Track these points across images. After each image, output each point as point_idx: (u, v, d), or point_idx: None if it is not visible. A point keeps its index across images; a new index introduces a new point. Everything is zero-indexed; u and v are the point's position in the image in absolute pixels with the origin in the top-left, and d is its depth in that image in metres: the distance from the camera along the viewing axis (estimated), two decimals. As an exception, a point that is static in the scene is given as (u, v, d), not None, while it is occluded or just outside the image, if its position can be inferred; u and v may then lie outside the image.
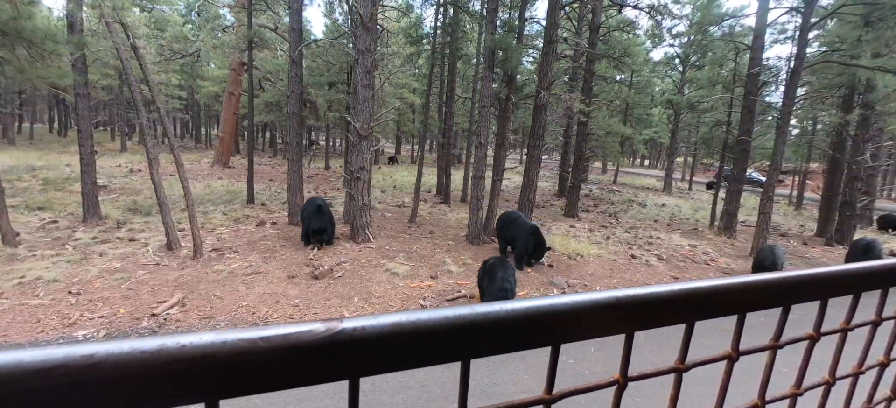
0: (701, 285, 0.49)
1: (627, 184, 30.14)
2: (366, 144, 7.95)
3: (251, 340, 0.30)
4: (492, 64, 8.15)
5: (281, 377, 0.32)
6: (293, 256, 7.28)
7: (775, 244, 8.70)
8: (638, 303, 0.45)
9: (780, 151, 9.35)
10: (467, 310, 0.37)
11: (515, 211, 8.40)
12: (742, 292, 0.51)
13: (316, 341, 0.32)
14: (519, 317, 0.39)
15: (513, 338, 0.39)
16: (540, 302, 0.40)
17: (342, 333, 0.33)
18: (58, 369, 0.25)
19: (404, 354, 0.35)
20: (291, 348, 0.31)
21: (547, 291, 6.81)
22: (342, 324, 0.33)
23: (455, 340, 0.36)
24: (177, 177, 15.79)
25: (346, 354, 0.33)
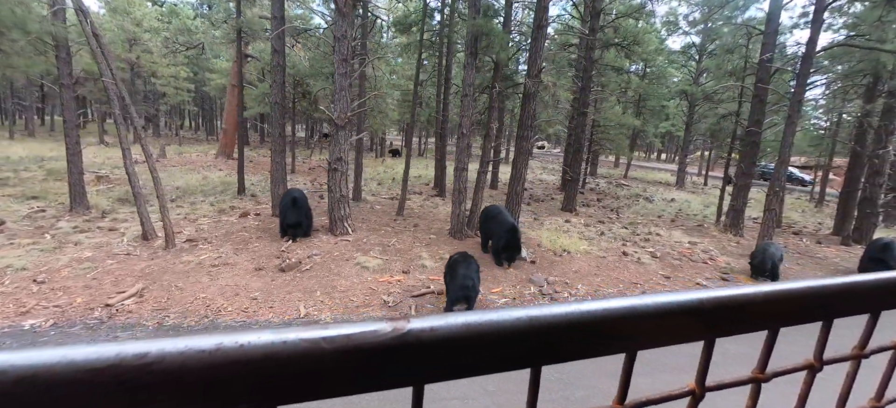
0: (792, 287, 0.46)
1: (639, 178, 29.18)
2: (343, 135, 7.76)
3: (313, 340, 0.28)
4: (475, 50, 7.80)
5: (344, 383, 0.29)
6: (266, 248, 7.18)
7: (770, 243, 8.15)
8: (722, 306, 0.42)
9: (787, 143, 8.70)
10: (540, 310, 0.35)
11: (498, 206, 8.08)
12: (832, 297, 0.48)
13: (381, 342, 0.29)
14: (596, 319, 0.36)
15: (588, 343, 0.36)
16: (618, 303, 0.38)
17: (409, 334, 0.30)
18: (110, 370, 0.24)
19: (475, 358, 0.32)
20: (356, 350, 0.29)
21: (523, 290, 6.51)
22: (409, 324, 0.31)
23: (528, 344, 0.34)
24: (179, 168, 16.04)
25: (413, 357, 0.30)
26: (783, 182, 8.92)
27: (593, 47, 12.22)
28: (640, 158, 54.75)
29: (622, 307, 0.37)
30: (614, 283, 7.15)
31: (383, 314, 5.29)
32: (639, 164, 43.91)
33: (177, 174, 14.43)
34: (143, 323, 4.71)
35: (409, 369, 0.31)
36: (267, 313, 5.08)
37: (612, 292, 6.74)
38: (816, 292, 0.46)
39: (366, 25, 12.30)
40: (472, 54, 7.86)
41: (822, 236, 12.51)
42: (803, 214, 17.28)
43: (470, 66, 7.89)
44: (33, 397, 0.22)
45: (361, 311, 5.33)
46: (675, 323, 0.39)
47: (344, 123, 7.66)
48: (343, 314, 5.22)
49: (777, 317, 0.45)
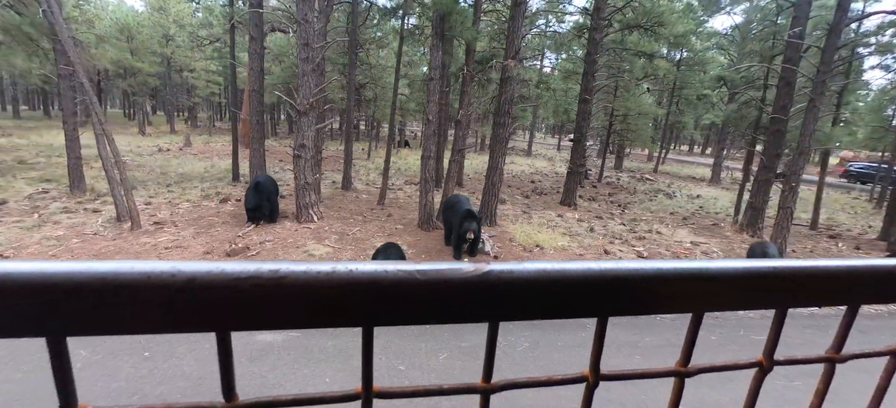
0: (877, 264, 0.44)
1: (672, 173, 27.10)
2: (306, 121, 7.66)
3: (409, 272, 0.32)
4: (441, 31, 7.37)
5: (433, 312, 0.33)
6: (226, 233, 7.28)
7: (767, 242, 7.09)
8: (798, 276, 0.41)
9: (808, 131, 7.50)
10: (613, 265, 0.36)
11: (459, 195, 7.66)
12: None
13: (466, 279, 0.33)
14: (666, 276, 0.37)
15: (656, 300, 0.38)
16: (689, 264, 0.39)
17: (490, 274, 0.33)
18: (251, 280, 0.29)
19: (545, 303, 0.35)
20: (444, 283, 0.33)
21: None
22: (489, 266, 0.34)
23: (597, 295, 0.36)
24: (196, 157, 16.91)
25: (491, 295, 0.34)
26: (800, 176, 7.73)
27: (597, 29, 11.26)
28: (683, 152, 51.07)
29: (694, 268, 0.38)
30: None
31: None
32: (677, 157, 40.96)
33: (188, 162, 15.21)
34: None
35: (487, 306, 0.34)
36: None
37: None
38: None
39: (358, 13, 12.15)
40: (439, 35, 7.43)
41: (865, 242, 10.85)
42: (854, 215, 15.17)
43: (436, 47, 7.47)
44: (198, 293, 0.29)
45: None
46: (745, 288, 0.40)
47: (306, 109, 7.55)
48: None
49: (858, 293, 0.44)
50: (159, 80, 27.23)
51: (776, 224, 8.11)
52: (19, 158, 13.28)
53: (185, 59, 25.76)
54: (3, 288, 0.26)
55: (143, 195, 9.51)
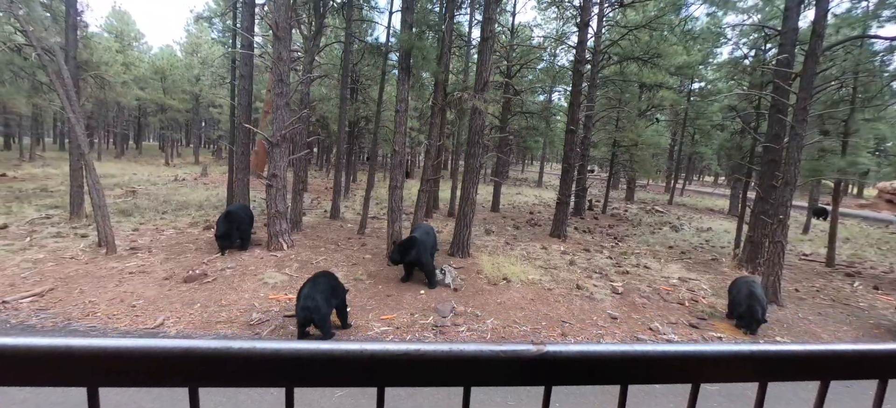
0: (844, 348, 0.53)
1: (689, 204, 25.96)
2: (278, 152, 7.93)
3: (496, 351, 0.46)
4: (407, 66, 7.57)
5: (509, 378, 0.47)
6: (194, 259, 7.47)
7: (754, 281, 6.51)
8: (774, 358, 0.51)
9: (792, 160, 7.03)
10: (632, 347, 0.48)
11: (422, 225, 7.57)
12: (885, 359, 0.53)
13: (532, 356, 0.46)
14: (671, 357, 0.48)
15: (665, 373, 0.49)
16: (686, 347, 0.49)
17: (547, 353, 0.47)
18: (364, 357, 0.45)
19: (583, 375, 0.47)
20: (517, 358, 0.46)
21: (419, 319, 5.91)
22: (546, 347, 0.47)
23: (622, 368, 0.47)
24: (205, 185, 17.77)
25: (547, 367, 0.47)
26: (788, 208, 7.18)
27: (581, 61, 11.26)
28: (707, 183, 48.99)
29: (689, 350, 0.48)
30: (538, 319, 6.20)
31: (232, 332, 5.10)
32: (698, 189, 39.31)
33: (196, 191, 15.99)
34: (17, 319, 5.07)
35: (546, 374, 0.47)
36: (129, 321, 5.18)
37: (526, 330, 5.83)
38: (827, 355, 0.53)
39: (357, 50, 12.74)
40: (405, 70, 7.63)
41: (888, 281, 9.82)
42: (884, 252, 13.83)
43: (402, 82, 7.67)
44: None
45: (218, 327, 5.21)
46: (733, 366, 0.49)
47: (278, 141, 7.83)
48: (198, 328, 5.13)
49: (829, 372, 0.53)
50: (188, 116, 29.22)
51: (767, 260, 7.48)
52: (43, 186, 14.39)
53: (212, 95, 27.69)
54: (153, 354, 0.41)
55: (135, 222, 10.00)
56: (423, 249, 6.61)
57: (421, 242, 6.63)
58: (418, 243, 6.58)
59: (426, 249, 6.71)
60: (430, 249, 6.97)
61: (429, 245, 6.93)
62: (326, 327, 4.88)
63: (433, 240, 7.21)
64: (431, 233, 7.28)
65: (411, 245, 6.55)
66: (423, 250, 6.60)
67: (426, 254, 6.70)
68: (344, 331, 5.34)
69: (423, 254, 6.60)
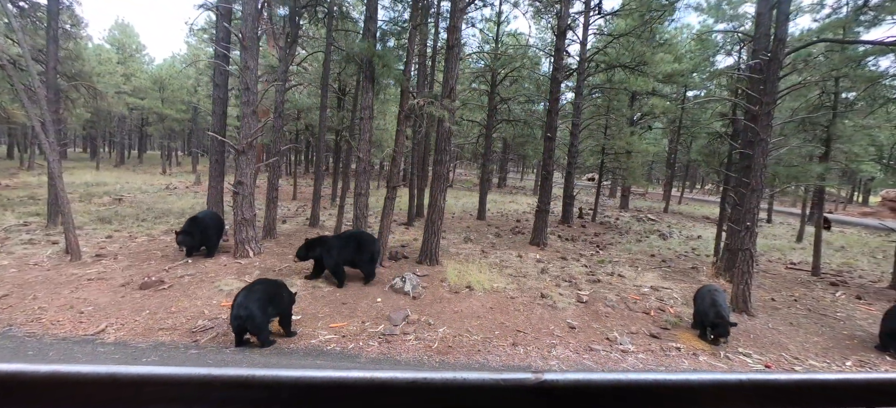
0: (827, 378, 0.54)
1: (686, 212, 25.63)
2: (244, 160, 7.96)
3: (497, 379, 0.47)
4: (371, 74, 7.60)
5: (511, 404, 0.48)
6: (157, 266, 7.49)
7: (716, 288, 6.34)
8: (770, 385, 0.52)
9: (759, 165, 6.89)
10: (626, 375, 0.49)
11: (366, 232, 7.59)
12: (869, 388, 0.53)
13: (530, 384, 0.47)
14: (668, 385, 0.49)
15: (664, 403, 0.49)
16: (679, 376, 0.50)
17: (545, 381, 0.47)
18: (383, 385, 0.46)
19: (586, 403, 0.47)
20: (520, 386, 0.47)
21: (369, 328, 5.83)
22: (545, 376, 0.48)
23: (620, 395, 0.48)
24: (193, 193, 17.94)
25: (548, 397, 0.47)
26: (755, 215, 7.01)
27: (558, 69, 11.23)
28: (709, 192, 48.37)
29: (681, 380, 0.50)
30: (493, 328, 6.09)
31: (172, 340, 5.06)
32: (699, 197, 38.84)
33: (184, 199, 16.14)
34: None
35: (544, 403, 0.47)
36: (71, 328, 5.17)
37: (477, 340, 5.72)
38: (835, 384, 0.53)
39: (339, 59, 12.84)
40: (369, 78, 7.66)
41: (873, 290, 9.53)
42: (877, 260, 13.46)
43: (366, 90, 7.69)
44: None
45: (159, 334, 5.17)
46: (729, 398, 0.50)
47: (244, 148, 7.88)
48: (137, 336, 5.10)
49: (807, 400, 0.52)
50: (186, 125, 29.65)
51: (737, 269, 7.29)
52: (33, 194, 14.62)
53: (210, 105, 28.10)
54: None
55: (110, 228, 10.09)
56: (328, 249, 6.77)
57: (329, 244, 6.82)
58: (326, 243, 6.79)
59: (333, 251, 6.86)
60: (368, 255, 7.08)
61: (356, 250, 7.07)
62: (264, 336, 4.82)
63: (374, 247, 7.24)
64: (372, 241, 7.29)
65: (317, 244, 6.79)
66: (328, 251, 6.76)
67: (332, 255, 6.84)
68: (287, 339, 5.28)
69: (327, 254, 6.78)
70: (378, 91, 9.00)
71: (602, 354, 5.59)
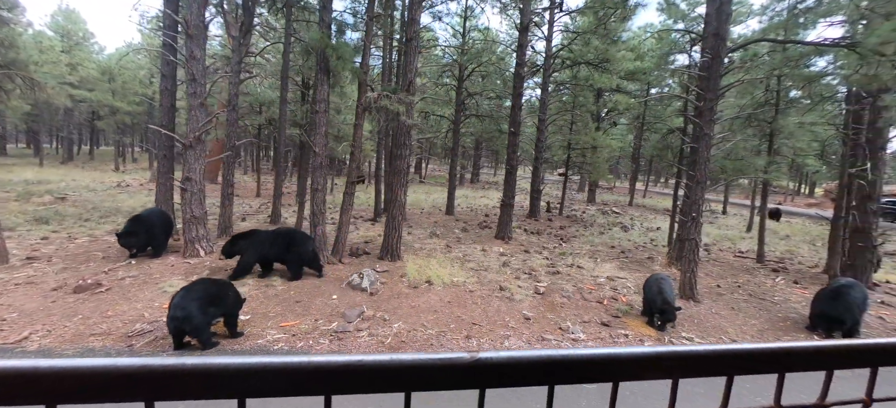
0: (741, 348, 0.60)
1: (650, 205, 26.65)
2: (192, 154, 7.59)
3: (434, 359, 0.51)
4: (326, 66, 7.40)
5: (449, 383, 0.51)
6: (95, 268, 7.03)
7: (663, 276, 6.62)
8: (681, 357, 0.57)
9: (703, 159, 7.22)
10: (556, 352, 0.54)
11: (291, 228, 7.49)
12: (784, 356, 0.61)
13: (465, 362, 0.51)
14: (590, 359, 0.55)
15: (587, 374, 0.55)
16: (605, 350, 0.56)
17: (480, 359, 0.51)
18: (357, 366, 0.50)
19: (514, 377, 0.52)
20: (457, 364, 0.50)
21: (323, 326, 5.71)
22: (480, 354, 0.51)
23: (546, 370, 0.53)
24: (148, 192, 16.99)
25: (480, 372, 0.51)
26: (700, 207, 7.35)
27: (521, 64, 11.35)
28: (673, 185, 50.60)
29: (601, 354, 0.55)
30: (449, 321, 6.10)
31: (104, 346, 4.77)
32: (662, 191, 40.52)
33: (135, 197, 15.27)
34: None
35: (479, 378, 0.51)
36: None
37: (431, 334, 5.71)
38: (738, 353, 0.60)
39: (300, 50, 12.43)
40: (324, 71, 7.45)
41: (809, 275, 10.24)
42: (816, 248, 14.49)
43: (321, 82, 7.48)
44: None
45: (91, 340, 4.86)
46: (646, 366, 0.56)
47: (191, 142, 7.50)
48: (65, 343, 4.77)
49: (734, 368, 0.59)
50: (141, 119, 28.03)
51: (683, 257, 7.65)
52: (-38, 194, 13.41)
53: (164, 98, 26.61)
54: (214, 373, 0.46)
55: (47, 230, 9.41)
56: (252, 244, 6.70)
57: (255, 239, 6.73)
58: (252, 238, 6.74)
59: (257, 246, 6.77)
60: (296, 255, 7.00)
61: (286, 249, 6.97)
62: (204, 337, 4.62)
63: (305, 247, 7.09)
64: (304, 240, 7.15)
65: (241, 238, 6.75)
66: (252, 245, 6.68)
67: (254, 250, 6.75)
68: (231, 341, 5.09)
69: (251, 249, 6.69)
70: (334, 84, 8.78)
71: (553, 343, 5.71)
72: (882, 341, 0.64)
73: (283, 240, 6.90)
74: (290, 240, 6.93)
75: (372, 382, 0.48)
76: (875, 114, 8.56)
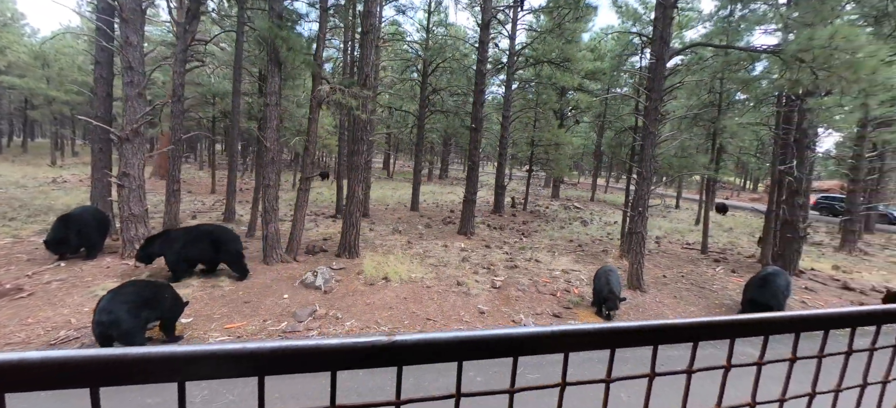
0: (620, 326, 0.68)
1: (609, 200, 27.77)
2: (130, 148, 7.10)
3: (362, 341, 0.56)
4: (276, 57, 7.12)
5: (370, 361, 0.56)
6: (17, 272, 6.44)
7: (611, 267, 6.95)
8: (577, 334, 0.65)
9: (648, 156, 7.59)
10: (467, 333, 0.59)
11: (214, 225, 7.19)
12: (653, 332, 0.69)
13: (383, 344, 0.56)
14: (494, 338, 0.61)
15: (492, 352, 0.61)
16: (510, 330, 0.62)
17: (396, 341, 0.56)
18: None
19: (429, 356, 0.58)
20: (377, 345, 0.56)
21: (270, 326, 5.53)
22: (396, 337, 0.56)
23: (457, 349, 0.58)
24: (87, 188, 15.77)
25: (397, 352, 0.56)
26: (646, 201, 7.75)
27: (484, 60, 11.44)
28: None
29: (509, 333, 0.61)
30: (403, 318, 6.08)
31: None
32: (621, 187, 42.30)
33: (71, 193, 14.12)
34: None
35: (396, 357, 0.57)
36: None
37: (385, 330, 5.68)
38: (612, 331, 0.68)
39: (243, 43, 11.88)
40: (275, 62, 7.17)
41: (744, 265, 11.05)
42: (754, 239, 15.66)
43: (272, 73, 7.20)
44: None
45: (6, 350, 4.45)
46: (546, 343, 0.64)
47: (127, 135, 7.01)
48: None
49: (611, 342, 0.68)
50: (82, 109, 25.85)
51: (631, 250, 8.04)
52: None
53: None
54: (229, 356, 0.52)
55: None
56: (169, 244, 6.41)
57: (170, 238, 6.45)
58: (167, 238, 6.46)
59: (176, 246, 6.46)
60: (226, 254, 6.77)
61: (213, 249, 6.71)
62: (137, 344, 4.35)
63: (233, 247, 6.82)
64: (231, 240, 6.87)
65: (156, 240, 6.47)
66: (169, 246, 6.39)
67: (173, 251, 6.44)
68: (169, 345, 4.82)
69: (168, 250, 6.41)
70: (287, 77, 8.49)
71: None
72: (770, 315, 0.76)
73: (207, 240, 6.56)
74: (215, 240, 6.59)
75: (302, 364, 0.52)
76: (801, 116, 9.33)
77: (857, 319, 0.80)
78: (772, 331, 0.76)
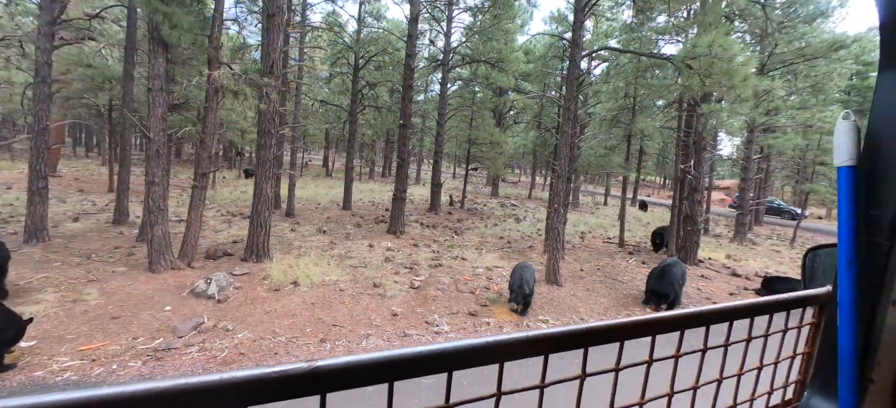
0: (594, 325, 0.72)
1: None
2: None
3: (278, 371, 0.51)
4: (159, 36, 6.24)
5: (290, 391, 0.51)
6: None
7: (527, 264, 7.07)
8: (510, 343, 0.65)
9: (563, 155, 7.82)
10: (397, 352, 0.57)
11: None
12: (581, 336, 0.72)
13: (304, 372, 0.52)
14: (424, 356, 0.59)
15: (422, 369, 0.60)
16: (443, 346, 0.61)
17: (317, 368, 0.52)
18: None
19: (352, 380, 0.54)
20: (298, 375, 0.52)
21: (143, 344, 4.79)
22: (317, 363, 0.52)
23: (387, 370, 0.56)
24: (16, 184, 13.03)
25: (319, 380, 0.52)
26: (565, 200, 8.00)
27: (412, 55, 11.18)
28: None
29: (439, 349, 0.60)
30: (305, 326, 5.62)
31: None
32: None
33: None
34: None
35: (318, 385, 0.53)
36: None
37: (282, 341, 5.19)
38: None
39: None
40: (158, 41, 6.29)
41: (655, 258, 11.97)
42: (666, 233, 17.13)
43: (155, 54, 6.31)
44: None
45: None
46: (468, 356, 0.62)
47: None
48: None
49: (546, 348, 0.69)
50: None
51: (549, 245, 8.27)
52: None
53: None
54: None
55: None
56: None
57: None
58: None
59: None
60: None
61: None
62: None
63: None
64: None
65: None
66: None
67: None
68: (-7, 376, 3.95)
69: None
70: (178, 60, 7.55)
71: (415, 338, 5.63)
72: (686, 311, 0.82)
73: None
74: None
75: (208, 402, 0.46)
76: (697, 120, 10.25)
77: (733, 313, 0.91)
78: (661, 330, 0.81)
